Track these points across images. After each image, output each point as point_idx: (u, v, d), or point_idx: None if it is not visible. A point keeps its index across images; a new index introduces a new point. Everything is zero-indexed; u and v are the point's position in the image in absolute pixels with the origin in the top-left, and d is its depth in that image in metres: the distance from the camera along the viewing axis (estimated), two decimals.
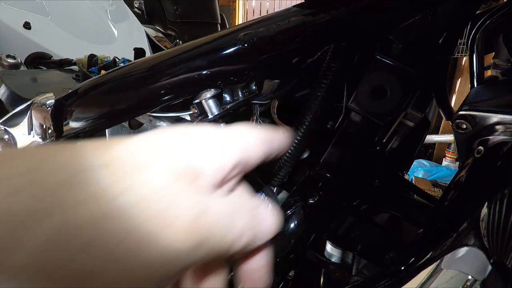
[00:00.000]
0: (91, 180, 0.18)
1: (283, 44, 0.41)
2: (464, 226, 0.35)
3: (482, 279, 0.32)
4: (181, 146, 0.21)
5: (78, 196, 0.17)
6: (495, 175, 0.36)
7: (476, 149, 0.39)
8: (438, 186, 2.47)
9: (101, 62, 1.29)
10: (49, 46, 1.73)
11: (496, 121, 0.38)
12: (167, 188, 0.19)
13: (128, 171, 0.19)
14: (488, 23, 0.53)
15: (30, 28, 1.75)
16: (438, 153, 3.30)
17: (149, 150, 0.21)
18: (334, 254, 0.62)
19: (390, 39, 0.44)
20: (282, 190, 0.62)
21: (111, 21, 2.13)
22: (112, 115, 0.46)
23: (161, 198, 0.19)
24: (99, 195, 0.17)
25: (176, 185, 0.20)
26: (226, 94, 0.44)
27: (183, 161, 0.21)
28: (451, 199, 0.39)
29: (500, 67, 0.54)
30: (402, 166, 0.64)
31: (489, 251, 0.32)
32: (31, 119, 0.56)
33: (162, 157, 0.20)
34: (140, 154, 0.20)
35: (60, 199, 0.17)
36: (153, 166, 0.20)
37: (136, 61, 0.46)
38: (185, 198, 0.20)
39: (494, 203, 0.33)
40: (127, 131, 0.58)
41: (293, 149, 0.50)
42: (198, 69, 0.41)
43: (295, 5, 0.43)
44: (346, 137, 0.49)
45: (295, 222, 0.48)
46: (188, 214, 0.20)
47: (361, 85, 0.44)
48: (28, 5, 1.83)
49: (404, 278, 0.38)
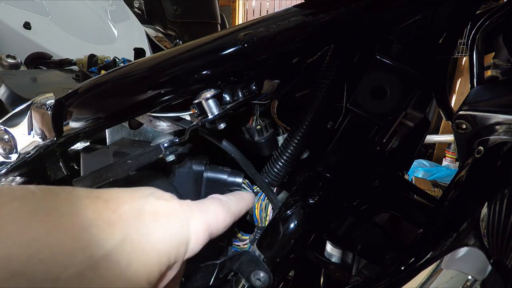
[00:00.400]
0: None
1: (283, 44, 0.41)
2: (464, 226, 0.35)
3: (482, 279, 0.32)
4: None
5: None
6: (495, 175, 0.36)
7: (476, 149, 0.39)
8: (438, 186, 2.47)
9: (101, 62, 1.29)
10: (49, 46, 1.73)
11: (496, 121, 0.38)
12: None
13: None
14: (488, 23, 0.53)
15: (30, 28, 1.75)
16: (438, 153, 3.30)
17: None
18: (334, 254, 0.62)
19: (390, 39, 0.44)
20: (282, 190, 0.62)
21: (111, 21, 2.13)
22: (112, 115, 0.46)
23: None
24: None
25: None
26: (226, 94, 0.44)
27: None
28: (451, 199, 0.39)
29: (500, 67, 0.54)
30: (402, 166, 0.64)
31: (489, 251, 0.32)
32: (31, 119, 0.56)
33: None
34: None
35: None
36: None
37: (136, 61, 0.45)
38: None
39: (494, 203, 0.33)
40: (127, 131, 0.58)
41: (293, 149, 0.51)
42: (198, 69, 0.41)
43: (295, 5, 0.43)
44: (346, 137, 0.49)
45: (295, 222, 0.48)
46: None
47: (361, 85, 0.44)
48: (28, 5, 1.83)
49: (404, 278, 0.38)
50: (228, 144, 0.51)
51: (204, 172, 0.52)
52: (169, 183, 0.52)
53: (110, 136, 0.59)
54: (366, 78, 0.44)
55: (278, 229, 0.48)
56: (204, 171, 0.52)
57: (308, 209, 0.48)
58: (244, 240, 0.55)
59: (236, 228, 0.54)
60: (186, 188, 0.52)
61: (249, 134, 0.53)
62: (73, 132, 0.50)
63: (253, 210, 0.53)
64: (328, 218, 0.53)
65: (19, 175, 0.72)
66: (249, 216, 0.58)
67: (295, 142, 0.50)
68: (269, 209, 0.52)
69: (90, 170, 0.50)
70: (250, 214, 0.56)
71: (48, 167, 0.64)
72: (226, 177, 0.52)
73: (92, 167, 0.51)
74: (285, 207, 0.49)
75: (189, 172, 0.52)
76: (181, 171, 0.52)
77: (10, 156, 0.60)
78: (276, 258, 0.47)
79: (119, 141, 0.57)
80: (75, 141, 0.61)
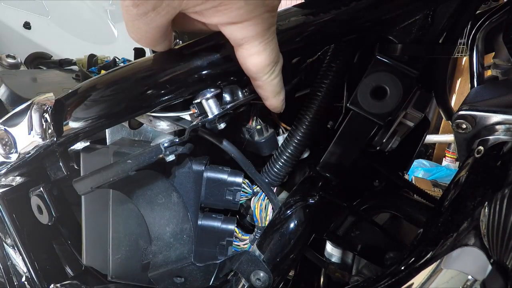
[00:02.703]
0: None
1: (283, 44, 0.41)
2: (464, 226, 0.35)
3: (482, 279, 0.32)
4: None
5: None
6: (495, 175, 0.36)
7: (476, 149, 0.39)
8: (438, 186, 2.47)
9: (101, 62, 1.29)
10: (49, 46, 1.73)
11: (496, 121, 0.38)
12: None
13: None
14: (488, 23, 0.53)
15: (30, 28, 1.75)
16: (438, 153, 3.30)
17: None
18: (334, 254, 0.62)
19: (390, 39, 0.44)
20: (282, 190, 0.62)
21: (111, 21, 2.13)
22: (112, 115, 0.46)
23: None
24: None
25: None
26: (226, 94, 0.44)
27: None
28: (451, 199, 0.39)
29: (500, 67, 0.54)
30: (402, 166, 0.64)
31: (489, 251, 0.32)
32: (31, 119, 0.56)
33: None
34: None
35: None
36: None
37: (136, 61, 0.45)
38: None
39: (494, 203, 0.33)
40: (127, 131, 0.58)
41: (293, 149, 0.51)
42: (198, 69, 0.41)
43: (295, 5, 0.43)
44: (346, 137, 0.49)
45: (295, 222, 0.48)
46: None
47: (361, 85, 0.44)
48: (28, 5, 1.83)
49: (404, 278, 0.38)
50: (228, 144, 0.51)
51: (204, 172, 0.52)
52: (169, 183, 0.52)
53: (110, 136, 0.59)
54: (366, 78, 0.44)
55: (278, 229, 0.48)
56: (204, 171, 0.52)
57: (308, 209, 0.48)
58: (244, 240, 0.55)
59: (236, 228, 0.54)
60: (186, 188, 0.52)
61: (249, 134, 0.53)
62: (73, 132, 0.50)
63: (253, 210, 0.53)
64: (328, 218, 0.53)
65: (19, 175, 0.72)
66: (249, 216, 0.58)
67: (295, 142, 0.50)
68: (269, 209, 0.52)
69: (90, 170, 0.50)
70: (250, 214, 0.56)
71: (48, 167, 0.64)
72: (226, 177, 0.52)
73: (92, 167, 0.51)
74: (285, 207, 0.49)
75: (189, 172, 0.52)
76: (181, 171, 0.52)
77: (10, 156, 0.60)
78: (276, 258, 0.47)
79: (119, 141, 0.57)
80: (75, 141, 0.61)
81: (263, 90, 0.42)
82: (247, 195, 0.54)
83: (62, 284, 0.67)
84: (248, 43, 0.36)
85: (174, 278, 0.54)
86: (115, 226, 0.56)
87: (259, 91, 0.43)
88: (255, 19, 0.34)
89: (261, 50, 0.37)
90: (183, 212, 0.52)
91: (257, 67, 0.38)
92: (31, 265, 0.71)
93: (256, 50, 0.37)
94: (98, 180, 0.48)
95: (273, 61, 0.38)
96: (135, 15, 0.33)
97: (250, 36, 0.35)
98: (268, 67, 0.38)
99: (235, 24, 0.34)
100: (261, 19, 0.34)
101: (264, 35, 0.36)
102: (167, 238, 0.53)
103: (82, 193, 0.50)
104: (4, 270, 0.75)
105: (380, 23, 0.42)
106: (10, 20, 1.73)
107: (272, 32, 0.37)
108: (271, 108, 0.45)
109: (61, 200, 0.67)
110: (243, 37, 0.36)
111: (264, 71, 0.39)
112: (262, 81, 0.40)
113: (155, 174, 0.51)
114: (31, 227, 0.72)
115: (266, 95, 0.43)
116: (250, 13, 0.33)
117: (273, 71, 0.39)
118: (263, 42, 0.36)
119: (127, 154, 0.50)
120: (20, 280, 0.72)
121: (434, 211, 0.41)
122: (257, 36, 0.35)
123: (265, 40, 0.36)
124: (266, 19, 0.35)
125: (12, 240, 0.71)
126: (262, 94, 0.43)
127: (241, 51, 0.37)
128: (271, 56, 0.38)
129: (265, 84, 0.40)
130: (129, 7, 0.32)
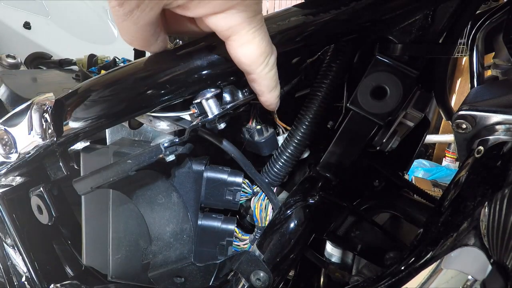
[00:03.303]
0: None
1: (283, 44, 0.41)
2: (464, 226, 0.35)
3: (482, 279, 0.32)
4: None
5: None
6: (495, 175, 0.36)
7: (476, 149, 0.39)
8: (438, 186, 2.47)
9: (101, 62, 1.29)
10: (49, 46, 1.73)
11: (496, 121, 0.38)
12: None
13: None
14: (488, 23, 0.53)
15: (30, 28, 1.75)
16: (438, 153, 3.30)
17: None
18: (334, 254, 0.62)
19: (390, 39, 0.44)
20: (282, 190, 0.62)
21: (111, 21, 2.13)
22: (112, 115, 0.46)
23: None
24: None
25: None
26: (226, 94, 0.44)
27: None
28: (451, 199, 0.39)
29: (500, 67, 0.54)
30: (402, 166, 0.64)
31: (489, 251, 0.32)
32: (31, 119, 0.56)
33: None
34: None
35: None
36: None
37: (136, 61, 0.45)
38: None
39: (494, 203, 0.33)
40: (127, 131, 0.58)
41: (293, 149, 0.51)
42: (198, 69, 0.41)
43: (295, 5, 0.43)
44: (346, 137, 0.49)
45: (295, 222, 0.48)
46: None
47: (361, 85, 0.44)
48: (28, 5, 1.83)
49: (404, 278, 0.38)
50: (228, 144, 0.51)
51: (204, 172, 0.52)
52: (169, 183, 0.52)
53: (110, 136, 0.59)
54: (366, 78, 0.44)
55: (278, 229, 0.48)
56: (204, 171, 0.52)
57: (308, 209, 0.48)
58: (244, 240, 0.55)
59: (236, 228, 0.54)
60: (186, 188, 0.52)
61: (249, 134, 0.53)
62: (73, 132, 0.50)
63: (253, 210, 0.53)
64: (328, 218, 0.53)
65: (19, 175, 0.72)
66: (249, 216, 0.58)
67: (295, 142, 0.50)
68: (269, 209, 0.52)
69: (90, 170, 0.50)
70: (250, 214, 0.56)
71: (48, 167, 0.64)
72: (226, 177, 0.52)
73: (92, 167, 0.51)
74: (285, 207, 0.49)
75: (189, 172, 0.52)
76: (181, 171, 0.52)
77: (10, 156, 0.60)
78: (276, 258, 0.47)
79: (119, 141, 0.57)
80: (75, 141, 0.61)
81: (258, 84, 0.41)
82: (247, 195, 0.54)
83: (62, 284, 0.67)
84: (236, 33, 0.36)
85: (174, 278, 0.54)
86: (115, 226, 0.56)
87: (253, 85, 0.42)
88: (238, 6, 0.34)
89: (250, 39, 0.36)
90: (183, 212, 0.52)
91: (249, 58, 0.37)
92: (31, 265, 0.71)
93: (245, 39, 0.36)
94: (98, 180, 0.48)
95: (265, 51, 0.38)
96: (122, 14, 0.33)
97: (235, 24, 0.35)
98: (261, 58, 0.38)
99: (219, 14, 0.34)
100: (244, 6, 0.34)
101: (251, 22, 0.35)
102: (167, 238, 0.53)
103: (82, 193, 0.50)
104: (4, 270, 0.75)
105: (380, 23, 0.42)
106: (10, 20, 1.73)
107: (259, 20, 0.36)
108: (266, 105, 0.44)
109: (61, 200, 0.68)
110: (229, 27, 0.35)
111: (257, 62, 0.38)
112: (256, 74, 0.39)
113: (155, 174, 0.51)
114: (31, 227, 0.72)
115: (261, 90, 0.42)
116: (233, 0, 0.33)
117: (267, 63, 0.38)
118: (250, 31, 0.36)
119: (127, 154, 0.50)
120: (20, 280, 0.72)
121: (434, 211, 0.41)
122: (243, 24, 0.35)
123: (253, 28, 0.36)
124: (250, 5, 0.34)
125: (12, 240, 0.71)
126: (256, 88, 0.42)
127: (230, 43, 0.37)
128: (262, 45, 0.37)
129: (259, 77, 0.40)
130: (115, 7, 0.33)
